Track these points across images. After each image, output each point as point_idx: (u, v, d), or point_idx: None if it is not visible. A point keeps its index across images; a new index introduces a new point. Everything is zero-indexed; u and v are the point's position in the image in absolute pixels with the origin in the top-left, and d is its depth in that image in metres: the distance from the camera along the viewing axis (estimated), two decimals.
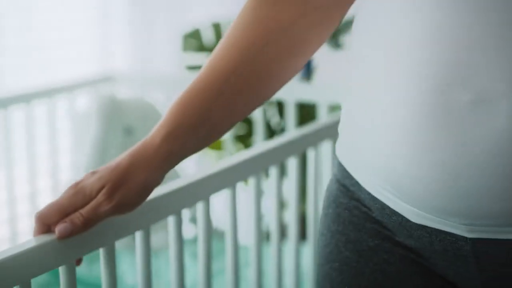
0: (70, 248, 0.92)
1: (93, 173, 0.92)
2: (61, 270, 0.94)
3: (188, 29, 2.74)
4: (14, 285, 0.88)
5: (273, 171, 1.41)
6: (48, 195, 2.22)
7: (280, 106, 2.67)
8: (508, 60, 0.75)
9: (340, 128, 0.95)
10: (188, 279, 1.74)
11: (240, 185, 1.40)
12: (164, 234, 1.98)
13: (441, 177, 0.80)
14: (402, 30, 0.81)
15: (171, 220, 1.13)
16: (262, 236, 1.38)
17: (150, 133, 0.93)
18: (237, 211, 1.30)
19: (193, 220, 2.23)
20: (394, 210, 0.89)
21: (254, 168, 1.33)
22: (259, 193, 1.37)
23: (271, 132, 2.63)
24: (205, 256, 1.22)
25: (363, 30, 0.89)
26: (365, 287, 0.94)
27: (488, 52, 0.76)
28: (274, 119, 2.74)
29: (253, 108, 0.98)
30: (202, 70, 0.95)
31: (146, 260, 1.09)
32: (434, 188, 0.81)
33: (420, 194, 0.83)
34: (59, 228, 0.89)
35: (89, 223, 0.89)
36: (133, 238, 2.06)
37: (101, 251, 0.99)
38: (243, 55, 0.94)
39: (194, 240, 2.13)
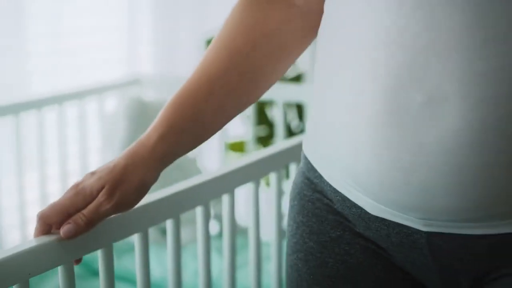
0: (70, 248, 0.94)
1: (93, 173, 0.94)
2: (60, 269, 0.96)
3: (211, 34, 2.82)
4: (13, 284, 0.89)
5: (292, 168, 1.47)
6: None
7: (300, 109, 2.74)
8: (457, 62, 0.76)
9: (308, 124, 0.98)
10: (213, 273, 1.81)
11: (261, 187, 1.46)
12: (189, 229, 2.05)
13: (398, 173, 0.81)
14: (360, 31, 0.82)
15: (199, 210, 1.20)
16: (282, 233, 1.45)
17: (145, 133, 0.95)
18: (259, 206, 1.36)
19: (217, 217, 2.30)
20: (354, 203, 0.91)
21: (276, 164, 1.40)
22: (280, 190, 1.43)
23: (291, 134, 2.70)
24: (230, 245, 1.29)
25: (327, 29, 0.90)
26: (329, 277, 0.95)
27: (439, 55, 0.76)
28: (294, 122, 2.81)
29: (243, 109, 1.00)
30: (193, 73, 0.97)
31: (177, 249, 1.16)
32: (391, 184, 0.82)
33: (378, 188, 0.84)
34: (63, 230, 0.90)
35: (91, 222, 0.91)
36: (161, 234, 2.14)
37: (99, 252, 1.02)
38: (232, 59, 0.96)
39: (218, 236, 2.19)
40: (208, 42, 2.79)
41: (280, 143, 1.63)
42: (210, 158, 2.61)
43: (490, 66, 0.75)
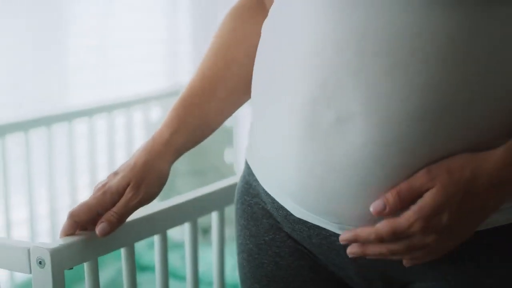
0: (97, 246, 1.03)
1: (115, 174, 1.01)
2: (86, 265, 1.04)
3: None
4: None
5: None
6: None
7: None
8: (364, 85, 0.79)
9: (248, 130, 1.05)
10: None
11: None
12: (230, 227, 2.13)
13: (313, 181, 0.85)
14: (283, 47, 0.87)
15: (214, 215, 1.30)
16: None
17: (158, 132, 1.04)
18: None
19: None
20: (281, 205, 0.96)
21: None
22: None
23: None
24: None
25: (268, 36, 0.94)
26: (266, 277, 1.02)
27: (349, 77, 0.80)
28: None
29: (238, 107, 1.09)
30: (195, 77, 1.07)
31: (194, 248, 1.25)
32: (308, 190, 0.87)
33: (298, 193, 0.88)
34: (99, 228, 0.97)
35: (122, 218, 0.99)
36: (202, 233, 2.26)
37: (122, 250, 1.10)
38: (228, 67, 1.05)
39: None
40: None
41: None
42: (246, 127, 2.71)
43: (393, 89, 0.79)
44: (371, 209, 0.81)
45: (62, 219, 1.04)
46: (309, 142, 0.84)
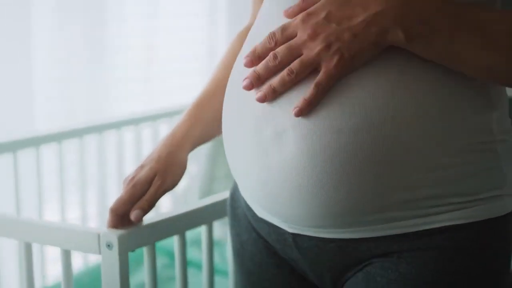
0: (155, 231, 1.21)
1: (142, 167, 1.15)
2: (145, 248, 1.23)
3: None
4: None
5: None
6: (166, 198, 2.59)
7: None
8: (294, 103, 0.87)
9: None
10: None
11: None
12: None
13: (260, 185, 0.94)
14: (243, 70, 0.94)
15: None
16: None
17: (177, 127, 1.18)
18: None
19: None
20: (249, 206, 1.06)
21: None
22: None
23: None
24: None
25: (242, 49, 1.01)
26: (248, 271, 1.12)
27: (282, 98, 0.89)
28: None
29: None
30: (208, 85, 1.22)
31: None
32: (259, 193, 0.95)
33: (255, 196, 0.97)
34: (132, 215, 1.12)
35: (152, 204, 1.13)
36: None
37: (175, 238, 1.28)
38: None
39: None
40: None
41: None
42: None
43: (316, 108, 0.87)
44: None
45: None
46: (255, 152, 0.92)
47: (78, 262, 2.23)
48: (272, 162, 0.91)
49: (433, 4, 0.84)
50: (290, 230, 0.98)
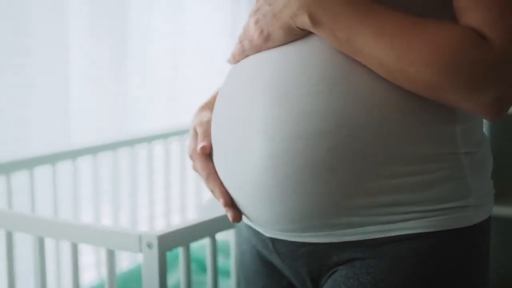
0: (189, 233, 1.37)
1: (194, 138, 1.07)
2: (181, 249, 1.37)
3: None
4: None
5: None
6: (193, 209, 2.76)
7: None
8: (262, 109, 0.92)
9: None
10: None
11: None
12: None
13: (236, 192, 0.97)
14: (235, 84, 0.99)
15: None
16: None
17: (199, 111, 1.10)
18: None
19: None
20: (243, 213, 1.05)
21: None
22: None
23: None
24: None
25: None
26: (246, 278, 1.13)
27: (247, 110, 0.93)
28: None
29: None
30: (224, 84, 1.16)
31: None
32: (237, 199, 0.98)
33: (237, 202, 0.99)
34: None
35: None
36: None
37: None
38: None
39: None
40: None
41: None
42: None
43: (279, 114, 0.90)
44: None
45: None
46: (232, 162, 0.96)
47: (101, 272, 2.30)
48: (244, 167, 0.94)
49: None
50: (267, 235, 1.00)
